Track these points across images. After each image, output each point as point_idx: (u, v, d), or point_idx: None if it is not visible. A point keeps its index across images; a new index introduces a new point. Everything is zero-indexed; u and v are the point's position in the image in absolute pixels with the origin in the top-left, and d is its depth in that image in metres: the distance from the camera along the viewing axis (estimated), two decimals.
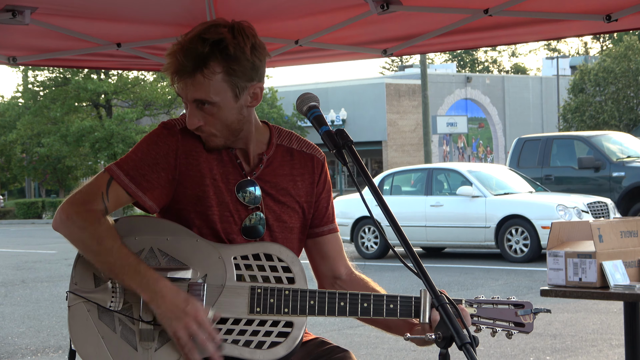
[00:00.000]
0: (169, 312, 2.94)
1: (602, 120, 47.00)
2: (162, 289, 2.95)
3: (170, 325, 2.94)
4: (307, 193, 3.27)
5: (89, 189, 3.08)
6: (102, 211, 3.04)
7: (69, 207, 3.04)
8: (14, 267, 20.02)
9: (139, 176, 3.06)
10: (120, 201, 3.08)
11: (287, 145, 3.28)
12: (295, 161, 3.27)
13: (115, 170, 3.07)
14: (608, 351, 8.99)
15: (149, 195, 3.07)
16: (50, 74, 49.10)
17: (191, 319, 2.93)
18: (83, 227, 3.01)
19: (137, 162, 3.08)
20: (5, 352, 10.06)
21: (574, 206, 17.23)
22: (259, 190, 3.16)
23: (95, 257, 3.02)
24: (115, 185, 3.06)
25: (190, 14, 4.85)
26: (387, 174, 20.14)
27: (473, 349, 2.54)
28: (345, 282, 3.32)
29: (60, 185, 52.00)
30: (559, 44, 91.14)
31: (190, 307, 2.94)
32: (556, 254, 4.97)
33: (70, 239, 3.05)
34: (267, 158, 3.21)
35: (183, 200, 3.10)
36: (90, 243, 3.01)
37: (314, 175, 3.29)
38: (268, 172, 3.20)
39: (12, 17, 4.43)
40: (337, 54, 5.75)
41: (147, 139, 3.13)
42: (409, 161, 49.03)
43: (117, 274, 2.99)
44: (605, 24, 4.74)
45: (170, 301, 2.94)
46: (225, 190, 3.13)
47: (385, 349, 9.26)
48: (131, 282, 2.97)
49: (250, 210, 3.15)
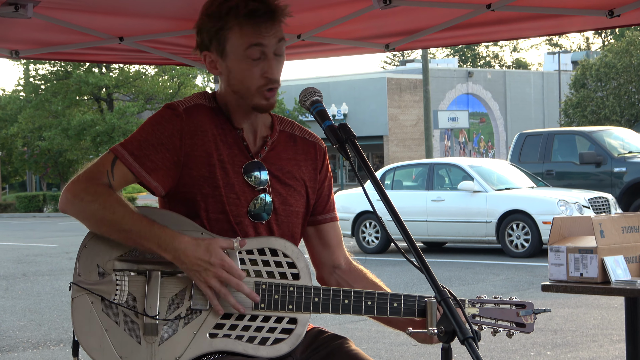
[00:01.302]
0: (195, 266, 2.94)
1: (603, 115, 46.98)
2: (181, 244, 2.95)
3: (200, 277, 2.95)
4: (311, 178, 3.28)
5: (93, 167, 3.07)
6: (108, 185, 3.03)
7: (74, 186, 3.03)
8: (15, 260, 20.03)
9: (144, 156, 3.05)
10: (125, 180, 3.06)
11: (289, 131, 3.30)
12: (298, 147, 3.28)
13: (119, 150, 3.06)
14: (609, 346, 9.00)
15: (153, 175, 3.06)
16: (52, 68, 49.12)
17: (218, 267, 2.94)
18: (93, 200, 2.99)
19: (142, 142, 3.07)
20: (7, 346, 10.07)
21: (575, 201, 17.22)
22: (266, 173, 3.16)
23: (110, 227, 3.00)
24: (119, 164, 3.05)
25: (192, 8, 4.83)
26: (388, 168, 20.13)
27: (475, 343, 2.54)
28: (344, 272, 3.33)
29: (62, 179, 52.02)
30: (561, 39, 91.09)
31: (214, 257, 2.94)
32: (557, 249, 4.97)
33: (80, 216, 3.03)
34: (272, 141, 3.22)
35: (189, 183, 3.08)
36: (103, 214, 2.98)
37: (316, 161, 3.30)
38: (273, 155, 3.20)
39: (15, 10, 4.43)
40: (339, 48, 5.75)
41: (151, 120, 3.12)
42: (410, 156, 49.04)
43: (135, 240, 2.98)
44: (607, 19, 4.73)
45: (192, 255, 2.94)
46: (231, 171, 3.12)
47: (386, 344, 9.27)
48: (151, 245, 2.96)
49: (257, 192, 3.15)
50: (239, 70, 3.08)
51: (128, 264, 3.04)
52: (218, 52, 3.11)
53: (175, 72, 48.18)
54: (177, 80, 48.74)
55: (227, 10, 3.05)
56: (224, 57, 3.10)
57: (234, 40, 3.06)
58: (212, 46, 3.12)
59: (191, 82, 48.99)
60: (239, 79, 3.10)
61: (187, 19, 5.02)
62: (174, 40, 5.52)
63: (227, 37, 3.07)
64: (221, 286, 2.95)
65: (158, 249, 2.96)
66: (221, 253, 2.96)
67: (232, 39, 3.07)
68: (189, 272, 2.96)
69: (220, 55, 3.11)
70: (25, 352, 9.71)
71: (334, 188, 3.42)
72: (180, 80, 48.41)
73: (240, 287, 2.96)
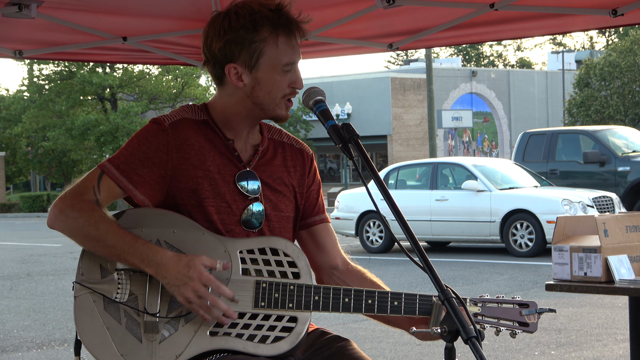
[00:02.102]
0: (175, 280, 2.95)
1: (607, 114, 46.93)
2: (162, 259, 2.97)
3: (179, 292, 2.95)
4: (299, 184, 3.32)
5: (80, 183, 3.10)
6: (94, 202, 3.05)
7: (61, 202, 3.07)
8: (20, 260, 20.05)
9: (130, 170, 3.07)
10: (112, 195, 3.09)
11: (278, 139, 3.34)
12: (287, 153, 3.33)
13: (106, 165, 3.09)
14: (613, 346, 8.99)
15: (140, 189, 3.08)
16: (56, 68, 49.16)
17: (196, 281, 2.94)
18: (77, 216, 3.02)
19: (128, 157, 3.09)
20: (11, 345, 10.08)
21: (579, 201, 17.21)
22: (257, 182, 3.18)
23: (95, 243, 3.03)
24: (106, 178, 3.07)
25: (195, 8, 4.85)
26: (392, 168, 20.13)
27: (479, 343, 2.54)
28: (342, 273, 3.34)
29: (66, 179, 52.07)
30: (565, 38, 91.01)
31: (193, 271, 2.95)
32: (561, 249, 4.97)
33: (67, 232, 3.06)
34: (262, 150, 3.25)
35: (178, 195, 3.11)
36: (88, 230, 3.02)
37: (304, 167, 3.35)
38: (263, 163, 3.24)
39: (19, 10, 4.43)
40: (343, 48, 5.74)
41: (137, 135, 3.14)
42: (414, 155, 49.03)
43: (119, 255, 3.00)
44: (611, 18, 4.73)
45: (172, 269, 2.95)
46: (221, 181, 3.14)
47: (390, 343, 9.27)
48: (134, 260, 2.99)
49: (249, 201, 3.17)
50: (272, 82, 3.11)
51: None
52: (247, 64, 3.10)
53: (179, 72, 48.19)
54: (180, 80, 48.74)
55: (261, 21, 3.07)
56: (255, 69, 3.10)
57: (270, 52, 3.09)
58: (240, 58, 3.10)
59: (195, 82, 48.99)
60: (267, 90, 3.12)
61: (191, 18, 5.03)
62: (177, 40, 5.52)
63: (263, 49, 3.08)
64: (200, 301, 2.94)
65: (141, 263, 2.98)
66: (201, 268, 2.96)
67: (268, 51, 3.08)
68: (169, 287, 2.98)
69: (248, 67, 3.10)
70: (30, 351, 9.72)
71: (337, 188, 3.43)
72: (184, 80, 48.41)
73: (216, 303, 2.95)
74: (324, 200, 3.45)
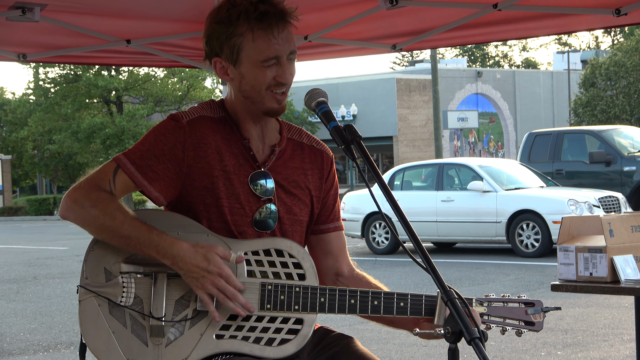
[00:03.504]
0: (193, 273, 2.95)
1: (613, 114, 46.86)
2: (180, 251, 2.96)
3: (197, 284, 2.95)
4: (316, 187, 3.28)
5: (95, 175, 3.08)
6: (110, 192, 3.04)
7: (74, 192, 3.05)
8: (26, 263, 20.08)
9: (146, 166, 3.06)
10: (126, 189, 3.08)
11: (297, 139, 3.29)
12: (305, 155, 3.28)
13: (122, 159, 3.07)
14: (619, 346, 8.97)
15: (155, 185, 3.07)
16: (61, 71, 49.22)
17: (216, 275, 2.94)
18: (93, 205, 3.00)
19: (144, 152, 3.08)
20: (17, 349, 10.09)
21: (585, 201, 17.19)
22: (272, 182, 3.16)
23: (109, 233, 3.01)
24: (121, 173, 3.06)
25: (198, 10, 4.86)
26: (397, 169, 20.12)
27: (482, 344, 2.53)
28: (347, 279, 3.31)
29: (72, 182, 51.17)
30: (570, 38, 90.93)
31: (212, 265, 2.94)
32: (567, 249, 4.96)
33: (81, 222, 3.04)
34: (279, 150, 3.22)
35: (192, 193, 3.10)
36: (103, 220, 3.00)
37: (323, 170, 3.30)
38: (279, 164, 3.20)
39: (22, 14, 4.45)
40: (347, 49, 5.75)
41: (154, 131, 3.12)
42: (419, 156, 49.00)
43: (134, 246, 2.99)
44: (614, 17, 4.73)
45: (190, 262, 2.94)
46: (236, 182, 3.12)
47: (397, 344, 9.26)
48: (150, 251, 2.98)
49: (262, 202, 3.15)
50: (253, 76, 3.07)
51: (134, 266, 3.05)
52: (230, 59, 3.09)
53: (184, 75, 48.23)
54: (186, 83, 48.80)
55: (237, 15, 3.03)
56: (237, 63, 3.08)
57: (248, 47, 3.04)
58: (223, 53, 3.09)
59: (200, 84, 49.03)
60: (251, 84, 3.08)
61: (194, 21, 5.03)
62: (180, 42, 5.53)
63: (241, 44, 3.05)
64: (219, 292, 2.95)
65: (157, 254, 2.97)
66: (219, 261, 2.96)
67: (246, 46, 3.05)
68: (186, 278, 2.97)
69: (232, 62, 3.09)
70: (36, 354, 9.73)
71: (343, 189, 3.43)
72: (190, 82, 48.46)
73: (235, 297, 2.96)
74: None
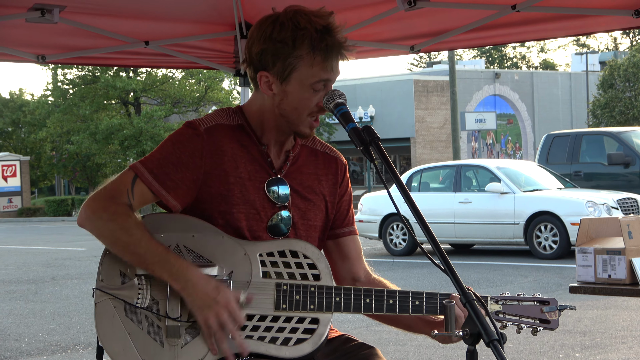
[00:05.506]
0: (200, 301, 2.95)
1: (632, 116, 46.65)
2: (193, 277, 2.96)
3: (202, 313, 2.95)
4: (331, 193, 3.30)
5: (114, 185, 3.09)
6: (128, 205, 3.05)
7: (94, 202, 3.05)
8: (44, 264, 20.15)
9: (163, 175, 3.06)
10: (144, 199, 3.08)
11: (311, 146, 3.32)
12: (319, 161, 3.31)
13: (140, 169, 3.08)
14: (638, 348, 8.94)
15: (172, 194, 3.08)
16: (80, 72, 49.37)
17: (222, 307, 2.94)
18: (111, 219, 3.01)
19: (162, 161, 3.08)
20: (36, 349, 10.14)
21: (604, 202, 17.13)
22: (287, 189, 3.18)
23: (124, 249, 3.02)
24: (139, 183, 3.06)
25: (217, 12, 4.87)
26: (415, 170, 20.09)
27: (501, 346, 2.53)
28: (363, 284, 3.32)
29: (90, 183, 52.29)
30: (588, 39, 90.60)
31: (221, 296, 2.94)
32: (585, 251, 4.95)
33: (97, 234, 3.05)
34: (294, 156, 3.23)
35: (207, 200, 3.10)
36: (119, 235, 3.01)
37: (337, 176, 3.33)
38: (294, 170, 3.22)
39: (41, 15, 4.47)
40: (364, 51, 5.75)
41: (171, 138, 3.13)
42: (437, 158, 48.90)
43: (147, 265, 3.00)
44: (634, 19, 4.71)
45: (201, 290, 2.95)
46: (252, 188, 3.13)
47: (414, 346, 9.25)
48: (162, 272, 2.98)
49: (278, 208, 3.16)
50: (299, 98, 3.08)
51: None
52: (279, 76, 3.08)
53: (202, 76, 48.29)
54: (204, 84, 48.86)
55: (302, 40, 3.03)
56: (285, 81, 3.08)
57: (303, 70, 3.05)
58: (274, 69, 3.08)
59: (218, 86, 49.06)
60: (294, 105, 3.09)
61: (212, 22, 5.05)
62: (198, 43, 5.54)
63: (297, 65, 3.05)
64: (218, 328, 2.94)
65: (169, 276, 2.97)
66: (229, 295, 2.96)
67: (301, 68, 3.05)
68: (193, 306, 2.97)
69: (280, 79, 3.08)
70: (54, 355, 9.77)
71: (361, 190, 3.43)
72: (207, 83, 48.50)
73: (233, 335, 2.96)
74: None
